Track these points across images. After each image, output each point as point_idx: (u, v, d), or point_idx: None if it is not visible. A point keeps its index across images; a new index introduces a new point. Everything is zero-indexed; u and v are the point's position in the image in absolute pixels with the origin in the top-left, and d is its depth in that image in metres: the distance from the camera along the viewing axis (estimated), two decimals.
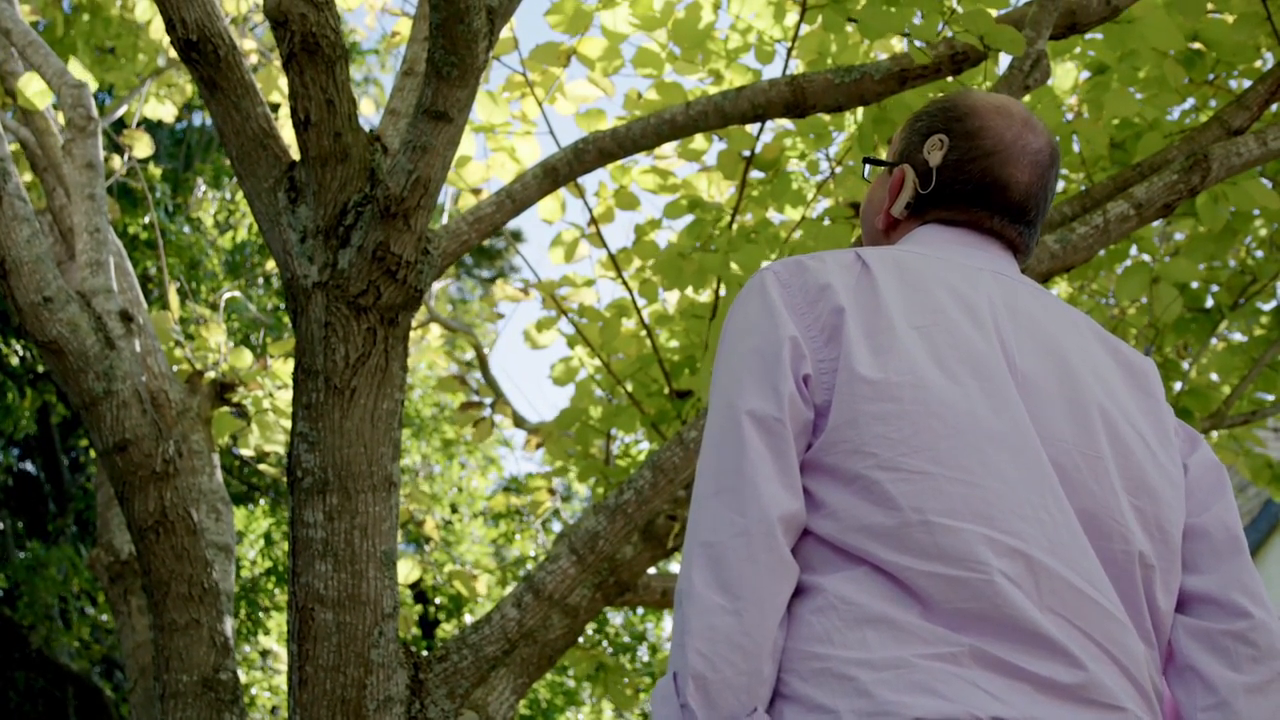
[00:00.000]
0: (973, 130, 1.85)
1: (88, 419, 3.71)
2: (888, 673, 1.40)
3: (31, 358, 9.92)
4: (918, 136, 1.91)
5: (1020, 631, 1.46)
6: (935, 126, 1.89)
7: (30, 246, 3.73)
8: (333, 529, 3.04)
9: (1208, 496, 1.74)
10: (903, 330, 1.61)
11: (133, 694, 4.60)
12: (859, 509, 1.52)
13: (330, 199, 3.23)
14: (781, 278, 1.67)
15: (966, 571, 1.47)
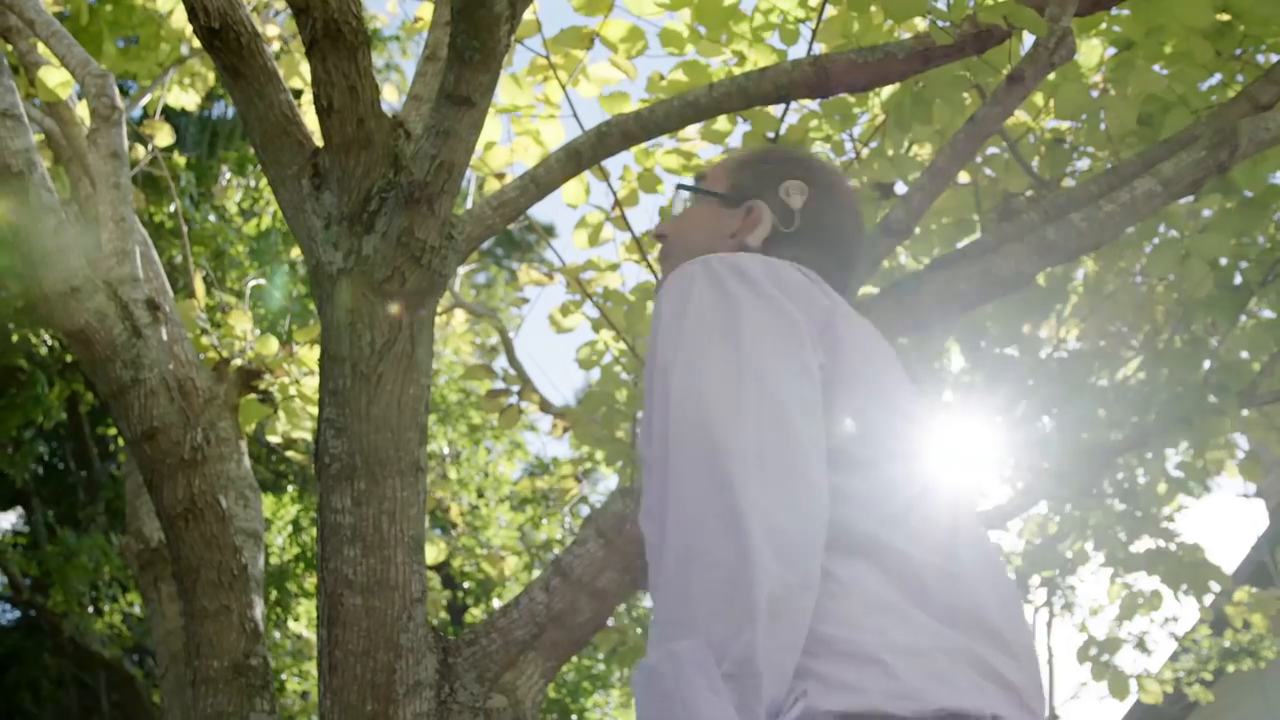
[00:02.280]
0: (827, 185, 2.01)
1: (116, 407, 3.73)
2: (912, 660, 1.38)
3: (60, 347, 9.96)
4: (770, 178, 2.00)
5: (990, 632, 1.48)
6: (792, 173, 2.01)
7: (56, 236, 3.75)
8: (360, 514, 3.04)
9: None
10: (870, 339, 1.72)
11: (164, 680, 4.62)
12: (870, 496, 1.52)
13: (354, 185, 3.23)
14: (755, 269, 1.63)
15: (954, 565, 1.48)
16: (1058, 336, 6.25)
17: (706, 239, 1.95)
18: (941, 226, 4.92)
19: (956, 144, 3.60)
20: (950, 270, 3.61)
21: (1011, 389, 5.87)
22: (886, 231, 3.62)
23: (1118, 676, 7.31)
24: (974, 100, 4.40)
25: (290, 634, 11.27)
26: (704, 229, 1.98)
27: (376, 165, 3.24)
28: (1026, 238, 3.58)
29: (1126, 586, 7.35)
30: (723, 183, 2.02)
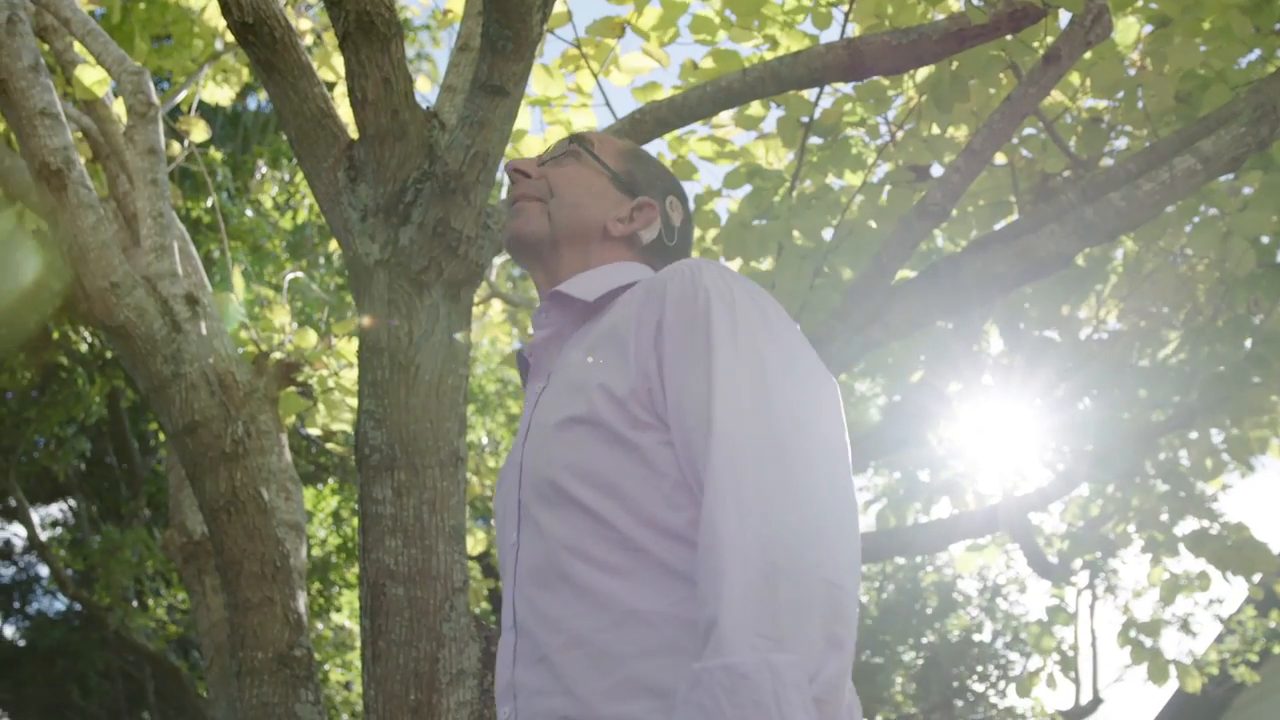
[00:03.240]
0: (690, 214, 1.94)
1: (157, 402, 3.75)
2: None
3: (100, 343, 10.04)
4: (659, 184, 1.90)
5: None
6: (675, 189, 1.93)
7: (96, 233, 3.77)
8: (401, 505, 3.05)
9: None
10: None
11: (209, 672, 4.66)
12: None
13: (389, 176, 3.23)
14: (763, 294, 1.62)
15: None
16: (1097, 317, 6.21)
17: (594, 209, 1.83)
18: (978, 208, 4.90)
19: (993, 125, 3.58)
20: (988, 252, 3.59)
21: (1051, 371, 5.83)
22: (923, 214, 3.61)
23: (1157, 661, 7.28)
24: (1009, 81, 4.37)
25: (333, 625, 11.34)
26: (593, 196, 1.84)
27: (411, 156, 3.24)
28: (1065, 218, 3.55)
29: (1168, 570, 7.31)
30: (614, 162, 1.89)
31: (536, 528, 1.55)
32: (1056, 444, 6.26)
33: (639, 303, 1.59)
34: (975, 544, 6.84)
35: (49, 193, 3.79)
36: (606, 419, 1.53)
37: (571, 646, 1.46)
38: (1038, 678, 8.15)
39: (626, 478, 1.51)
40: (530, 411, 1.68)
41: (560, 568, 1.50)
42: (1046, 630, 7.51)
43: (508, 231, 1.83)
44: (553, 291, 1.75)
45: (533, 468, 1.59)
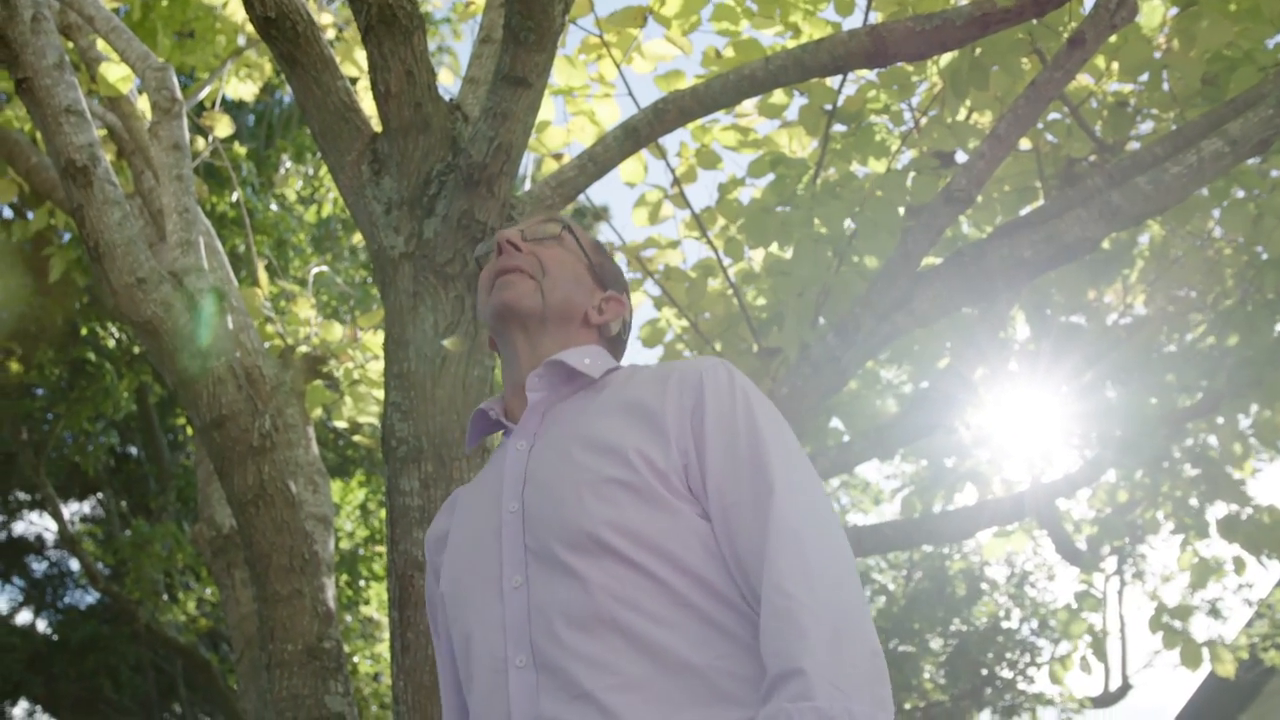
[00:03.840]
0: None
1: (184, 397, 3.77)
2: None
3: (128, 339, 10.09)
4: (618, 282, 2.07)
5: None
6: (624, 285, 2.08)
7: (122, 229, 3.78)
8: (429, 496, 3.06)
9: None
10: None
11: (239, 664, 4.68)
12: None
13: (413, 169, 3.24)
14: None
15: None
16: (1124, 303, 6.18)
17: (579, 295, 1.98)
18: (1004, 194, 4.88)
19: (1018, 110, 3.56)
20: (1014, 237, 3.57)
21: (1078, 357, 5.81)
22: (948, 199, 3.59)
23: (1190, 645, 7.24)
24: (1034, 65, 4.35)
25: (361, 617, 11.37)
26: (577, 282, 1.99)
27: (435, 149, 3.25)
28: (1091, 202, 3.53)
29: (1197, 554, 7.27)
30: (591, 252, 2.04)
31: (571, 575, 1.65)
32: (1083, 430, 6.24)
33: (668, 387, 1.78)
34: (1003, 531, 6.82)
35: (75, 189, 3.80)
36: (650, 485, 1.69)
37: (626, 689, 1.57)
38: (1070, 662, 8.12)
39: (671, 539, 1.67)
40: (522, 464, 1.81)
41: (609, 616, 1.61)
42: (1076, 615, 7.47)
43: (497, 300, 1.92)
44: (553, 361, 1.88)
45: (558, 518, 1.70)
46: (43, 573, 15.58)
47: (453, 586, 1.81)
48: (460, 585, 1.79)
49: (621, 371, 1.92)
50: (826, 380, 3.72)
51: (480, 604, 1.74)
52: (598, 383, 1.89)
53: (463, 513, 1.89)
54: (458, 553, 1.83)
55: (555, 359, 1.88)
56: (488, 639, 1.70)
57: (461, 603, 1.78)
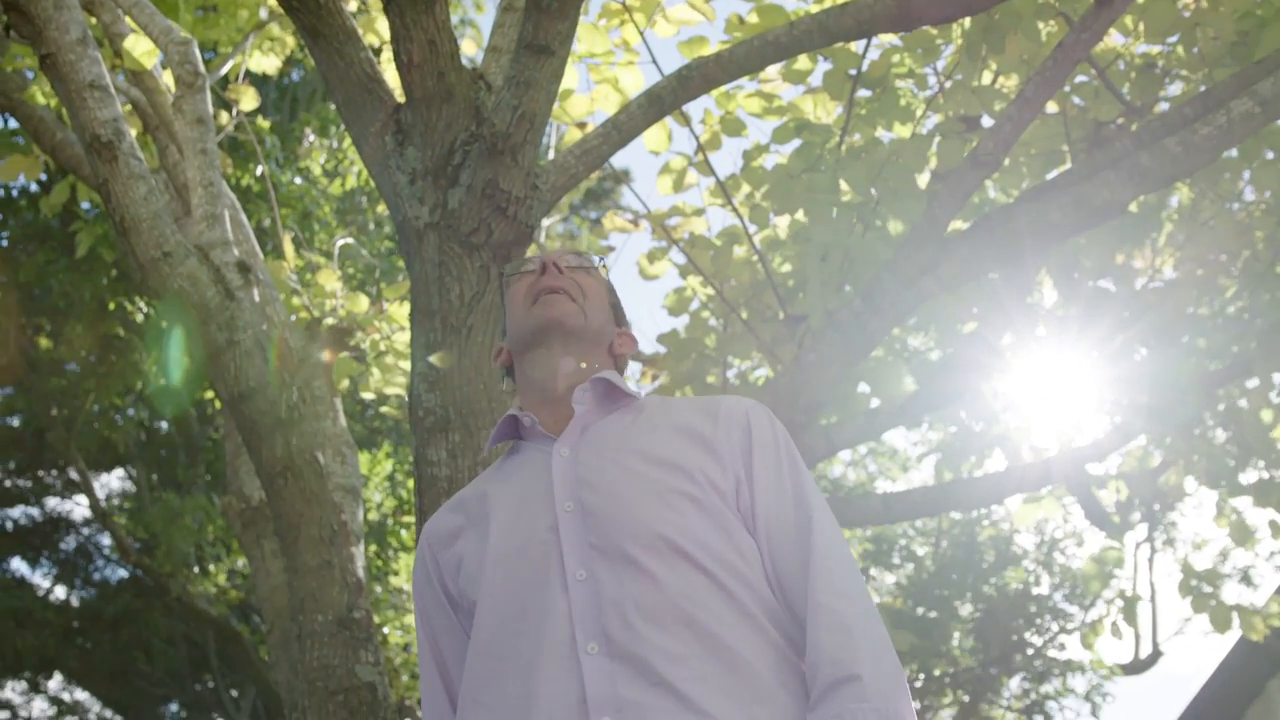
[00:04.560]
0: None
1: (212, 370, 3.78)
2: None
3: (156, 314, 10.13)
4: (626, 322, 2.27)
5: None
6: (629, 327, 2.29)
7: (147, 204, 3.79)
8: (456, 466, 3.06)
9: None
10: None
11: (270, 635, 4.71)
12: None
13: (437, 139, 3.23)
14: None
15: None
16: (1153, 267, 6.13)
17: (608, 325, 2.17)
18: (1030, 158, 4.84)
19: (1045, 72, 3.53)
20: (1042, 201, 3.54)
21: (1107, 322, 5.77)
22: (975, 164, 3.57)
23: (1220, 608, 7.20)
24: (1060, 27, 4.30)
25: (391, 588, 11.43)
26: (605, 316, 2.17)
27: (458, 118, 3.24)
28: (1120, 165, 3.50)
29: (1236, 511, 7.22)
30: (610, 289, 2.24)
31: (642, 572, 1.80)
32: (1113, 396, 6.20)
33: (718, 419, 2.00)
34: (1033, 497, 6.80)
35: (100, 164, 3.81)
36: (713, 501, 1.89)
37: (698, 681, 1.71)
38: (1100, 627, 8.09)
39: (729, 550, 1.85)
40: (570, 469, 1.94)
41: (681, 612, 1.77)
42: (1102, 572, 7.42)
43: (548, 315, 2.08)
44: (600, 379, 2.04)
45: (628, 520, 1.85)
46: (75, 548, 15.70)
47: (498, 573, 1.89)
48: (510, 573, 1.87)
49: (651, 399, 2.10)
50: (853, 346, 3.71)
51: (538, 593, 1.83)
52: (632, 405, 2.07)
53: (499, 510, 1.96)
54: (505, 544, 1.91)
55: (601, 377, 2.04)
56: (550, 625, 1.79)
57: (508, 590, 1.86)
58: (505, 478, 2.03)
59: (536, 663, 1.77)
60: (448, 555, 2.01)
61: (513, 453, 2.09)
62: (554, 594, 1.81)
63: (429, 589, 2.04)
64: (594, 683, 1.72)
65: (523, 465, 2.02)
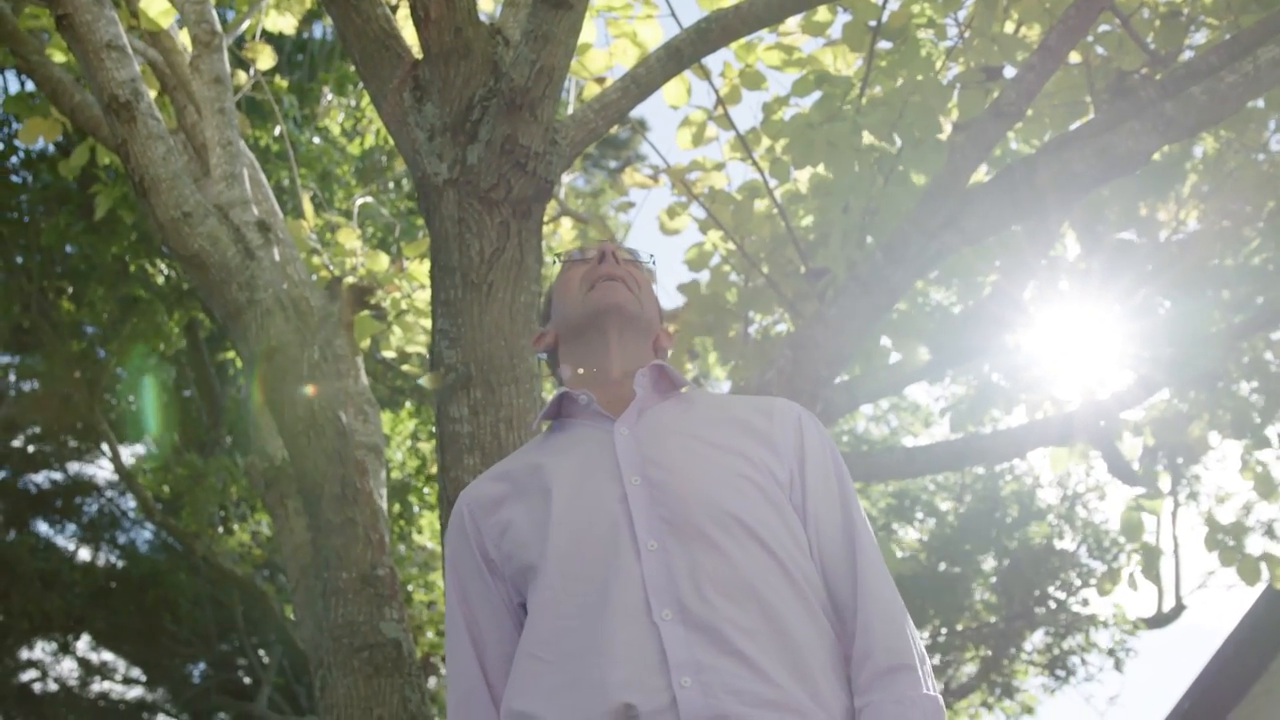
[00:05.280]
0: None
1: (233, 329, 3.78)
2: None
3: (177, 275, 10.14)
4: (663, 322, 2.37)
5: None
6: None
7: (166, 164, 3.79)
8: (478, 423, 3.06)
9: None
10: None
11: (295, 594, 4.72)
12: None
13: (455, 95, 3.21)
14: None
15: None
16: (1177, 219, 6.09)
17: (655, 319, 2.27)
18: (1053, 109, 4.80)
19: (1067, 20, 3.49)
20: (1065, 151, 3.51)
21: (1130, 275, 5.73)
22: (997, 114, 3.53)
23: (1248, 561, 7.17)
24: None
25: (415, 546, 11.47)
26: (655, 309, 2.28)
27: (476, 74, 3.22)
28: (1144, 114, 3.46)
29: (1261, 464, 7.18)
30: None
31: (713, 547, 1.89)
32: (1136, 349, 6.17)
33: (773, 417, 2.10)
34: (1057, 451, 6.78)
35: (118, 125, 3.80)
36: (774, 489, 1.99)
37: (766, 653, 1.81)
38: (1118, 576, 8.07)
39: (787, 537, 1.95)
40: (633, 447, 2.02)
41: (751, 588, 1.86)
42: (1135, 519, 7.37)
43: (609, 299, 2.17)
44: (659, 366, 2.14)
45: (699, 497, 1.93)
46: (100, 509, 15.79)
47: (563, 539, 1.95)
48: (577, 540, 1.94)
49: (699, 392, 2.20)
50: (876, 300, 3.69)
51: (608, 560, 1.90)
52: (682, 395, 2.16)
53: (560, 482, 2.02)
54: (571, 513, 1.97)
55: (659, 365, 2.14)
56: (622, 591, 1.86)
57: (575, 556, 1.93)
58: (560, 452, 2.09)
59: (608, 624, 1.85)
60: (490, 522, 2.07)
61: (559, 429, 2.15)
62: (626, 562, 1.89)
63: (467, 554, 2.09)
64: (673, 646, 1.80)
65: (578, 441, 2.09)
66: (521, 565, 1.99)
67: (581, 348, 2.20)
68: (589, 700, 1.80)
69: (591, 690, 1.81)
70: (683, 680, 1.77)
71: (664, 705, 1.76)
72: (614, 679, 1.79)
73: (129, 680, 16.19)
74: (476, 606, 2.06)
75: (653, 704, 1.77)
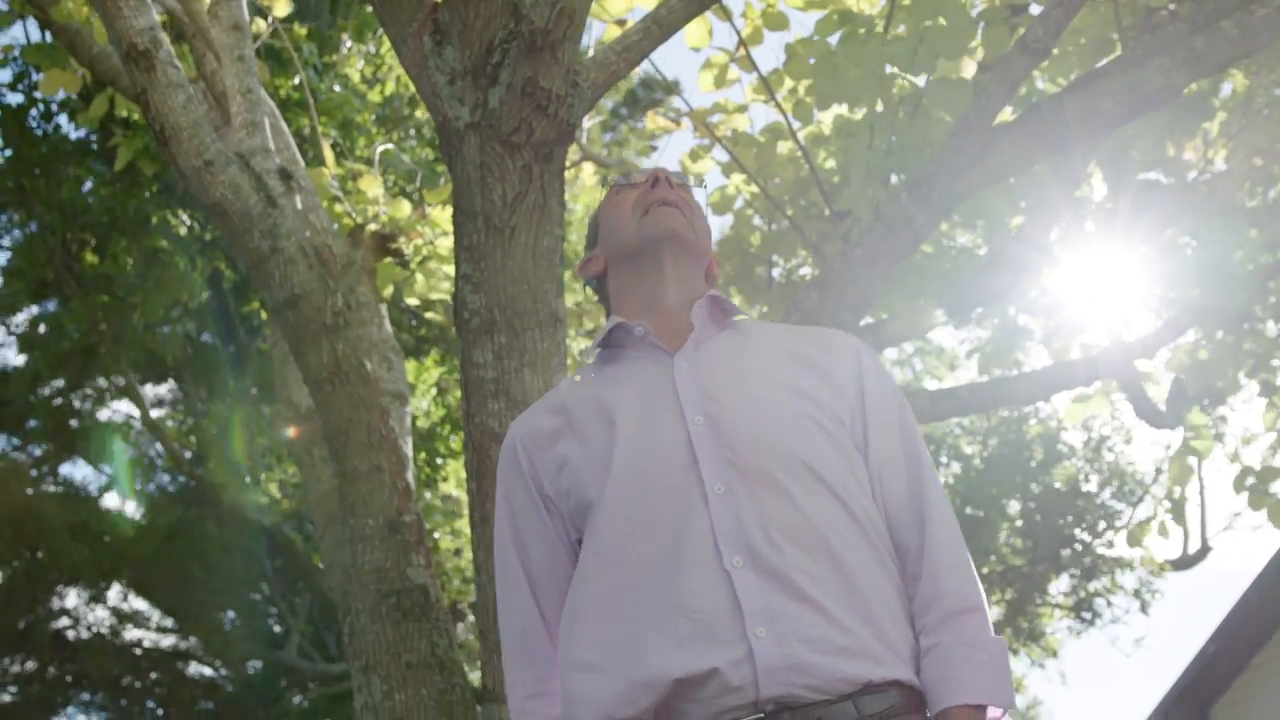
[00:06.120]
0: None
1: (256, 277, 3.78)
2: None
3: (199, 226, 10.15)
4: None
5: None
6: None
7: (187, 112, 3.77)
8: (503, 368, 3.06)
9: None
10: None
11: (322, 541, 4.75)
12: None
13: (475, 38, 3.19)
14: None
15: None
16: (1204, 158, 6.02)
17: (707, 247, 2.18)
18: (1079, 47, 4.73)
19: None
20: (1092, 88, 3.47)
21: (1157, 215, 5.68)
22: (1024, 50, 3.49)
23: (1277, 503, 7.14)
24: None
25: (441, 494, 11.52)
26: (708, 237, 2.19)
27: (496, 15, 3.19)
28: (1173, 49, 3.42)
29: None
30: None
31: (781, 493, 1.84)
32: (1162, 290, 6.13)
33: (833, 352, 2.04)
34: (1083, 395, 6.75)
35: (138, 74, 3.79)
36: (838, 431, 1.94)
37: (838, 603, 1.79)
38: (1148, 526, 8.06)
39: (852, 480, 1.90)
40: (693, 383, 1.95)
41: (820, 535, 1.82)
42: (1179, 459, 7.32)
43: (665, 225, 2.09)
44: (716, 296, 2.06)
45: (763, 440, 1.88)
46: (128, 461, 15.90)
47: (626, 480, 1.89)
48: (641, 481, 1.88)
49: (752, 323, 2.13)
50: (901, 241, 3.66)
51: (673, 503, 1.85)
52: (736, 326, 2.09)
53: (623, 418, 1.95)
54: (634, 451, 1.91)
55: (716, 295, 2.06)
56: (690, 536, 1.82)
57: (638, 498, 1.87)
58: (617, 385, 2.02)
59: (678, 571, 1.81)
60: (546, 457, 2.01)
61: (610, 360, 2.09)
62: (693, 506, 1.84)
63: (521, 489, 2.03)
64: (746, 594, 1.77)
65: (634, 375, 2.02)
66: (581, 503, 1.94)
67: (634, 275, 2.12)
68: (662, 654, 1.76)
69: (664, 644, 1.77)
70: (758, 630, 1.75)
71: (741, 657, 1.74)
72: (687, 632, 1.77)
73: (162, 629, 16.37)
74: (531, 543, 2.01)
75: (729, 656, 1.74)
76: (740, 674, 1.73)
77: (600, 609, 1.85)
